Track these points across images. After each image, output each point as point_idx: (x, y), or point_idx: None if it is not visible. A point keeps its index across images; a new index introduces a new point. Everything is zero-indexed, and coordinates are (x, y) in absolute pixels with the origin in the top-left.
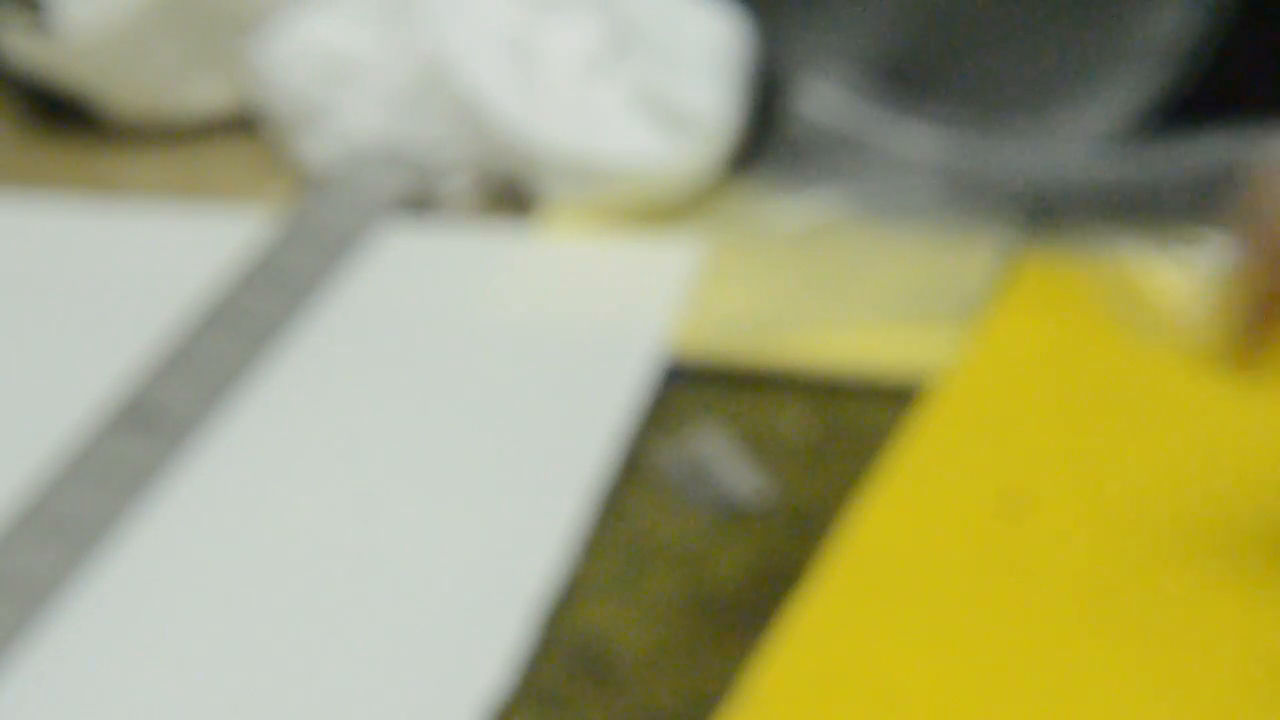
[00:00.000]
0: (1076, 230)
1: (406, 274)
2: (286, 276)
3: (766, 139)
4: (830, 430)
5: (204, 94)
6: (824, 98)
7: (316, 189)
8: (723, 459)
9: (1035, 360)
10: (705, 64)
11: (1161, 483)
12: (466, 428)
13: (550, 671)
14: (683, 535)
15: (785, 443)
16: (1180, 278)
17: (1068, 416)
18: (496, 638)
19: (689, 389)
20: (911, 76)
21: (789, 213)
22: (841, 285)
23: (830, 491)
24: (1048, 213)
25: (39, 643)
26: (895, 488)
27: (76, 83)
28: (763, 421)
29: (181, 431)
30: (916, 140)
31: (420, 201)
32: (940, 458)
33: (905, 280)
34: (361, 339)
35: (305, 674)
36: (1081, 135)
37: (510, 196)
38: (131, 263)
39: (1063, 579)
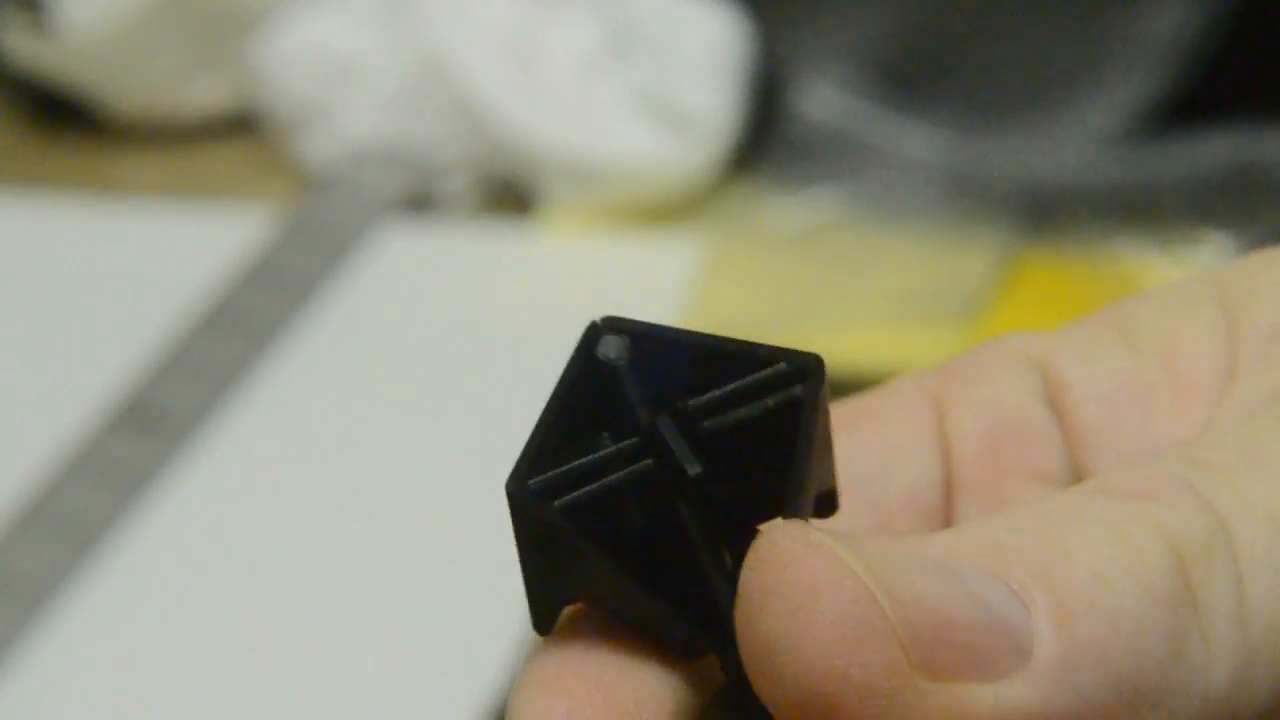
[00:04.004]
0: (1076, 230)
1: (406, 274)
2: (286, 276)
3: (766, 139)
4: None
5: (204, 94)
6: (824, 98)
7: (316, 189)
8: None
9: None
10: (705, 64)
11: None
12: (466, 427)
13: None
14: None
15: None
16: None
17: None
18: (496, 638)
19: None
20: (911, 76)
21: (789, 213)
22: (841, 285)
23: None
24: (1048, 213)
25: (39, 643)
26: None
27: (76, 83)
28: None
29: (181, 431)
30: (916, 140)
31: (420, 201)
32: None
33: (905, 280)
34: (361, 339)
35: (305, 673)
36: (1081, 135)
37: (510, 196)
38: (131, 263)
39: None
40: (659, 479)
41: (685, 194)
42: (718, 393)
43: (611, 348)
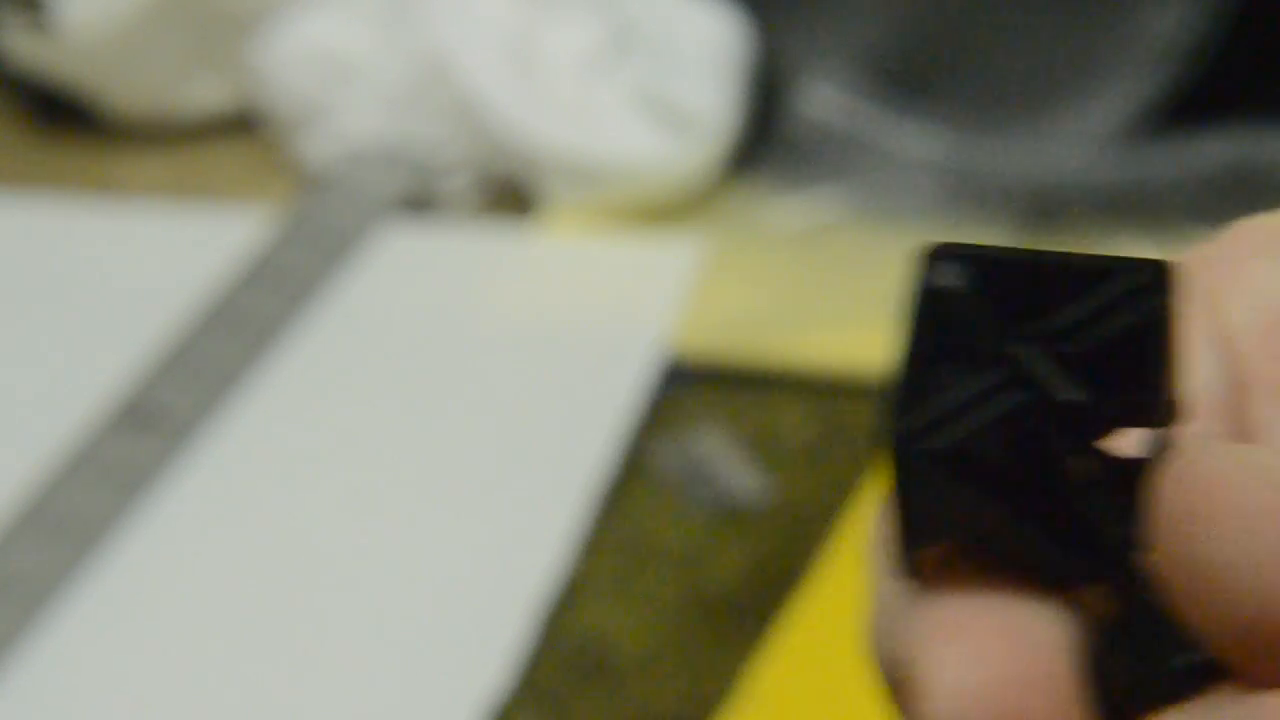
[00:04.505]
0: (1076, 230)
1: (406, 274)
2: (286, 276)
3: (766, 139)
4: (830, 430)
5: (204, 94)
6: (824, 98)
7: (316, 189)
8: (722, 459)
9: None
10: (705, 64)
11: None
12: (466, 427)
13: (550, 671)
14: (683, 535)
15: (785, 443)
16: None
17: None
18: (496, 638)
19: (689, 389)
20: (911, 76)
21: (789, 213)
22: (841, 285)
23: (829, 491)
24: (1048, 213)
25: (39, 643)
26: None
27: (76, 83)
28: (763, 421)
29: (181, 431)
30: (916, 140)
31: (420, 201)
32: None
33: (905, 280)
34: (361, 339)
35: (305, 673)
36: (1081, 135)
37: (510, 196)
38: (131, 263)
39: None
40: (1032, 409)
41: (685, 194)
42: (1076, 312)
43: (950, 275)
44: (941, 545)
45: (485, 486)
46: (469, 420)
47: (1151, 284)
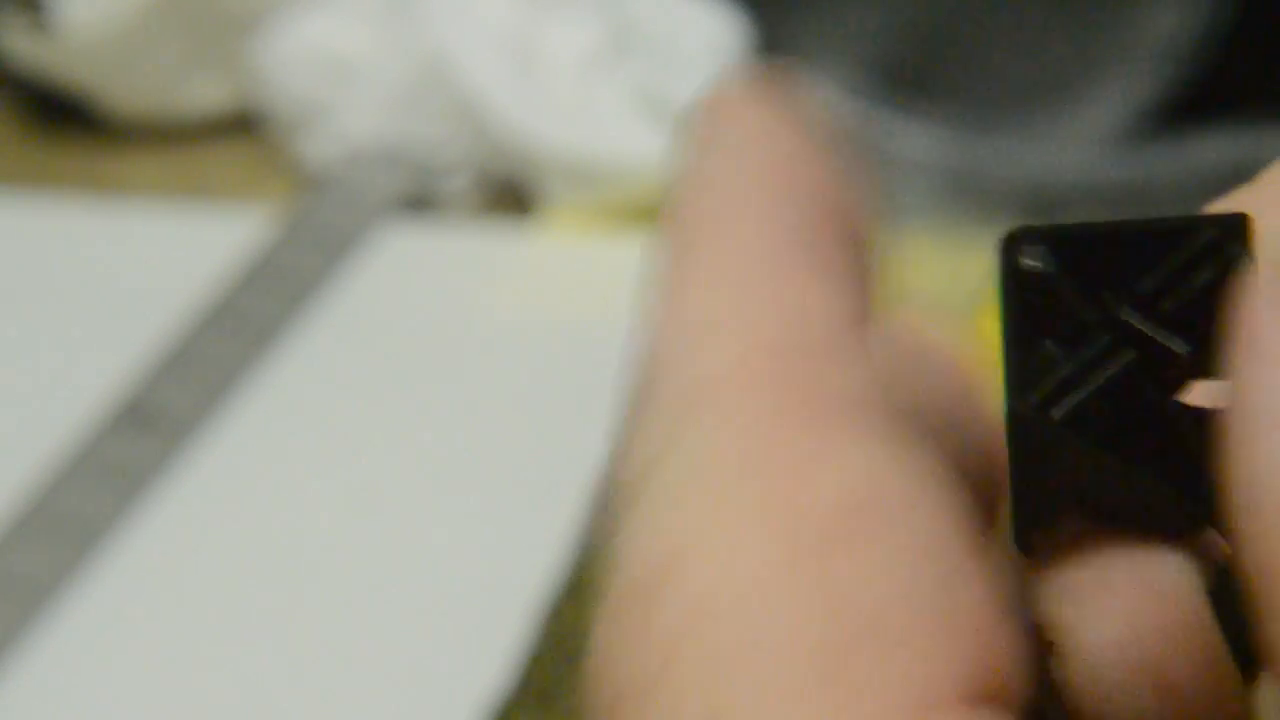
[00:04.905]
0: None
1: (406, 274)
2: (286, 276)
3: None
4: None
5: (204, 94)
6: (824, 98)
7: (316, 189)
8: None
9: None
10: (705, 64)
11: None
12: (466, 427)
13: (550, 671)
14: None
15: None
16: None
17: None
18: (496, 638)
19: None
20: (911, 76)
21: None
22: None
23: None
24: (1048, 213)
25: (39, 643)
26: None
27: (76, 83)
28: None
29: (181, 431)
30: (916, 140)
31: (420, 201)
32: None
33: (905, 280)
34: (361, 339)
35: (305, 673)
36: (1081, 135)
37: (510, 196)
38: (131, 263)
39: None
40: (1141, 367)
41: None
42: (1164, 271)
43: (1036, 256)
44: (1055, 514)
45: (485, 486)
46: (468, 420)
47: (1227, 235)
